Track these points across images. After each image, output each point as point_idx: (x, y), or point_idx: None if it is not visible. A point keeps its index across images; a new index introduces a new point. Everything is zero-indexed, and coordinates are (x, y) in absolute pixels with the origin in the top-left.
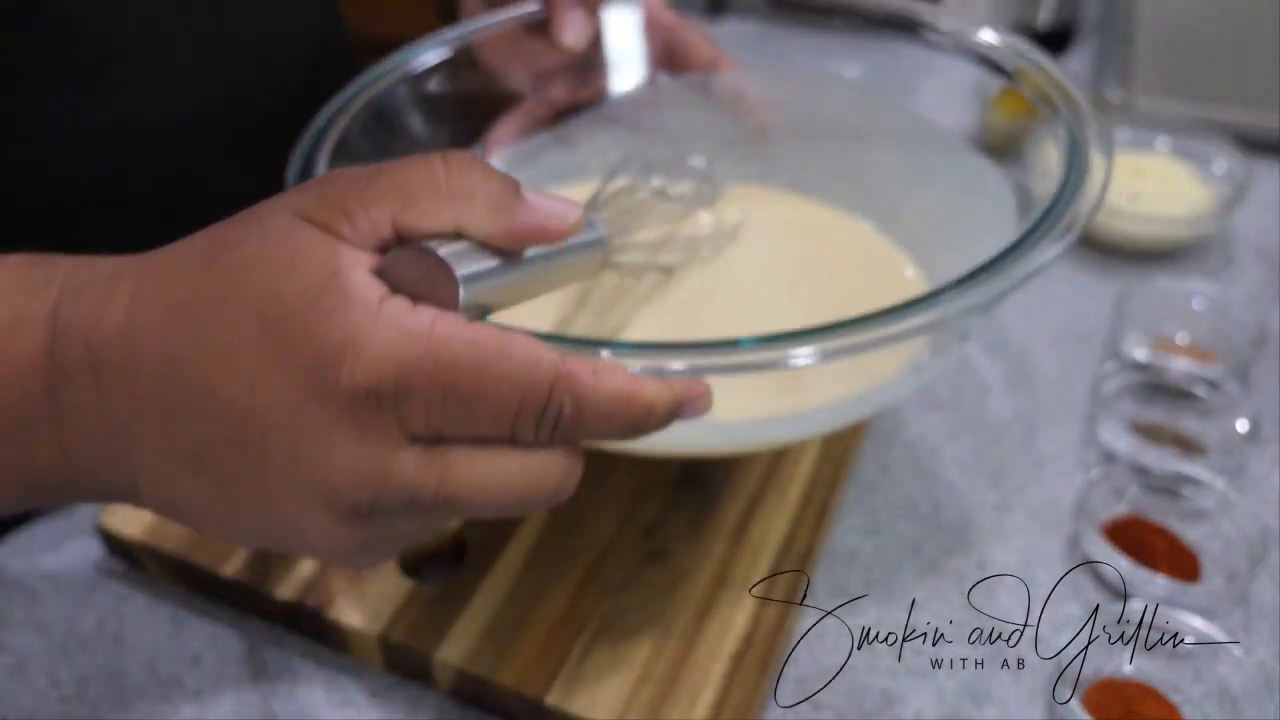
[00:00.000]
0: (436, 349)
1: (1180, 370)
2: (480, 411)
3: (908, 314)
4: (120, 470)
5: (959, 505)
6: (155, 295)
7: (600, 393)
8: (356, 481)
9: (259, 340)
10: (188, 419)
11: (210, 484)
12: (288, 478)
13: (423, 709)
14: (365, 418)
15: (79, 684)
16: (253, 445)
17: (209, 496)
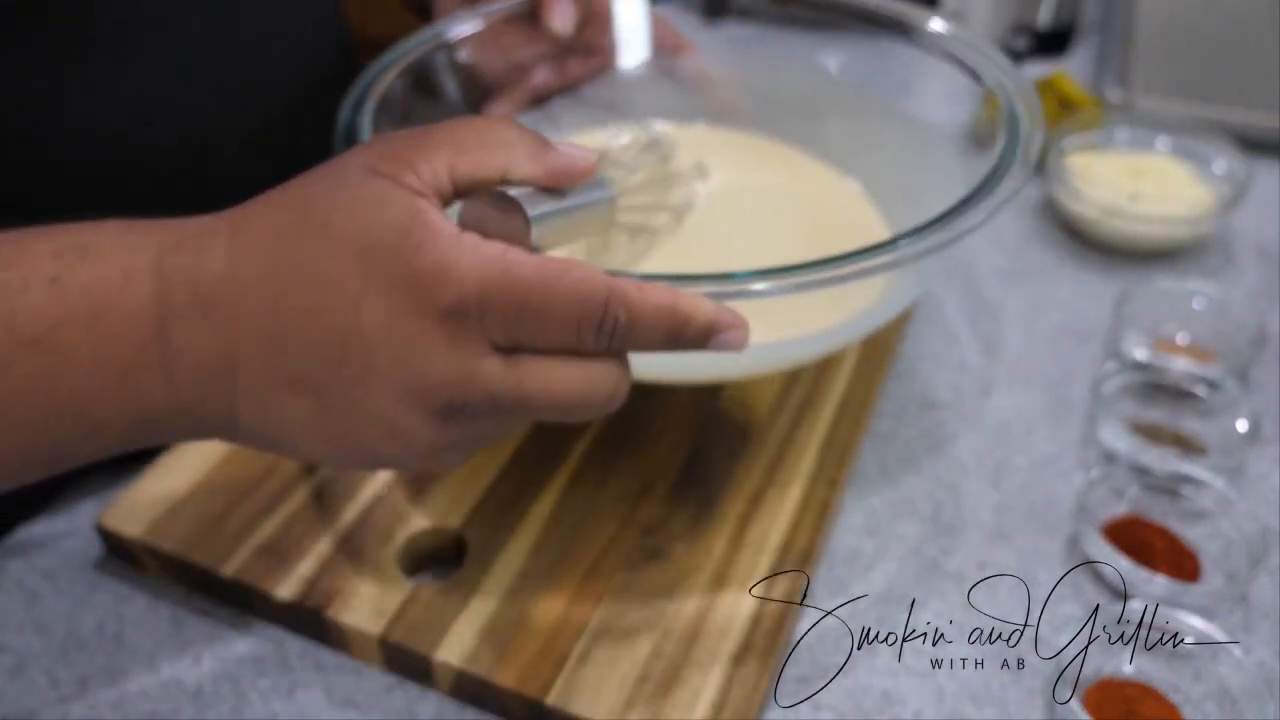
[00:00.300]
0: (512, 271)
1: (1180, 370)
2: (549, 323)
3: (877, 253)
4: (222, 403)
5: (959, 505)
6: (253, 240)
7: (646, 303)
8: (448, 383)
9: (359, 269)
10: (294, 344)
11: (309, 403)
12: (388, 385)
13: (423, 709)
14: (455, 330)
15: (79, 684)
16: (356, 360)
17: (307, 415)
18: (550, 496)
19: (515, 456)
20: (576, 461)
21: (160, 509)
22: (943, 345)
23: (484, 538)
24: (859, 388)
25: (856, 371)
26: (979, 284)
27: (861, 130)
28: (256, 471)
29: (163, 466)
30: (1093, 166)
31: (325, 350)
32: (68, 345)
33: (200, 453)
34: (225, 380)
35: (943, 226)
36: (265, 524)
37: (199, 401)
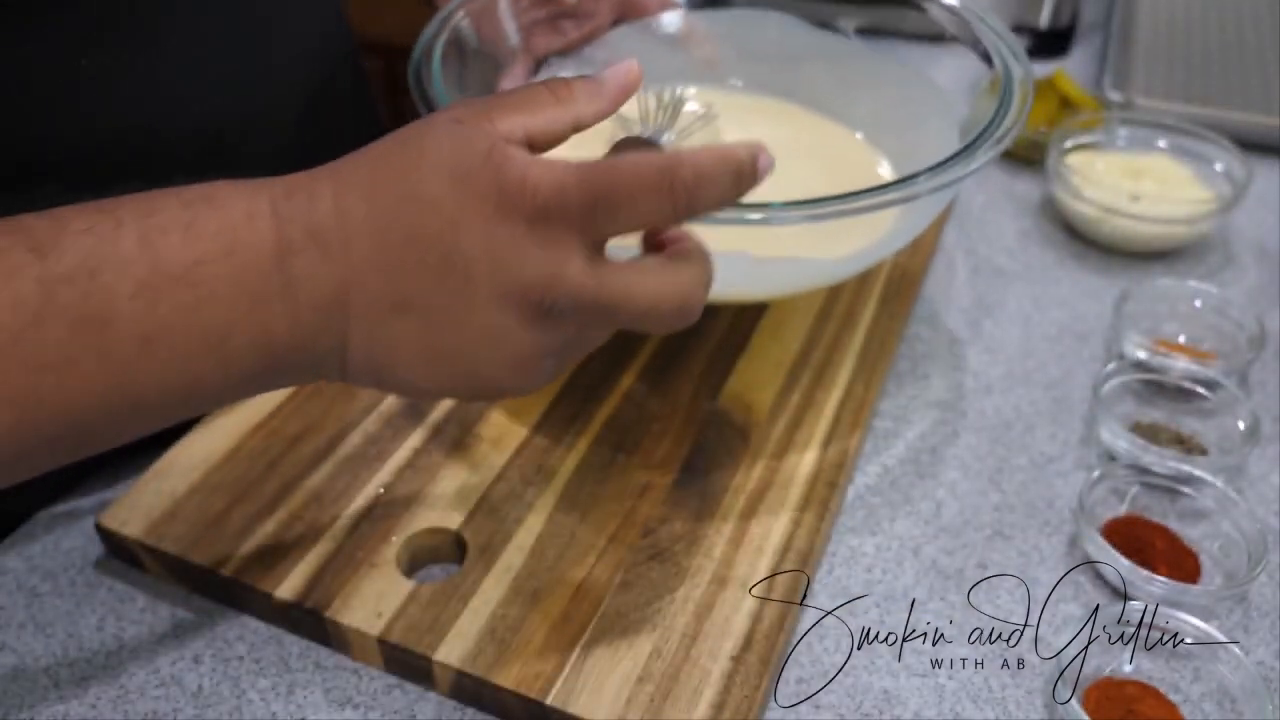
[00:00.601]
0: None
1: (1180, 370)
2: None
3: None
4: (337, 333)
5: (959, 505)
6: (354, 182)
7: (704, 160)
8: (540, 283)
9: (453, 191)
10: (399, 268)
11: (415, 323)
12: (488, 292)
13: (423, 709)
14: (542, 232)
15: (79, 684)
16: (457, 273)
17: (413, 336)
18: (550, 496)
19: (515, 457)
20: (576, 461)
21: (160, 509)
22: (943, 345)
23: (484, 538)
24: (859, 388)
25: (856, 372)
26: (979, 284)
27: (856, 82)
28: (256, 471)
29: (163, 466)
30: (1093, 166)
31: (429, 269)
32: (206, 280)
33: (200, 453)
34: (339, 309)
35: (952, 166)
36: (265, 524)
37: (316, 332)
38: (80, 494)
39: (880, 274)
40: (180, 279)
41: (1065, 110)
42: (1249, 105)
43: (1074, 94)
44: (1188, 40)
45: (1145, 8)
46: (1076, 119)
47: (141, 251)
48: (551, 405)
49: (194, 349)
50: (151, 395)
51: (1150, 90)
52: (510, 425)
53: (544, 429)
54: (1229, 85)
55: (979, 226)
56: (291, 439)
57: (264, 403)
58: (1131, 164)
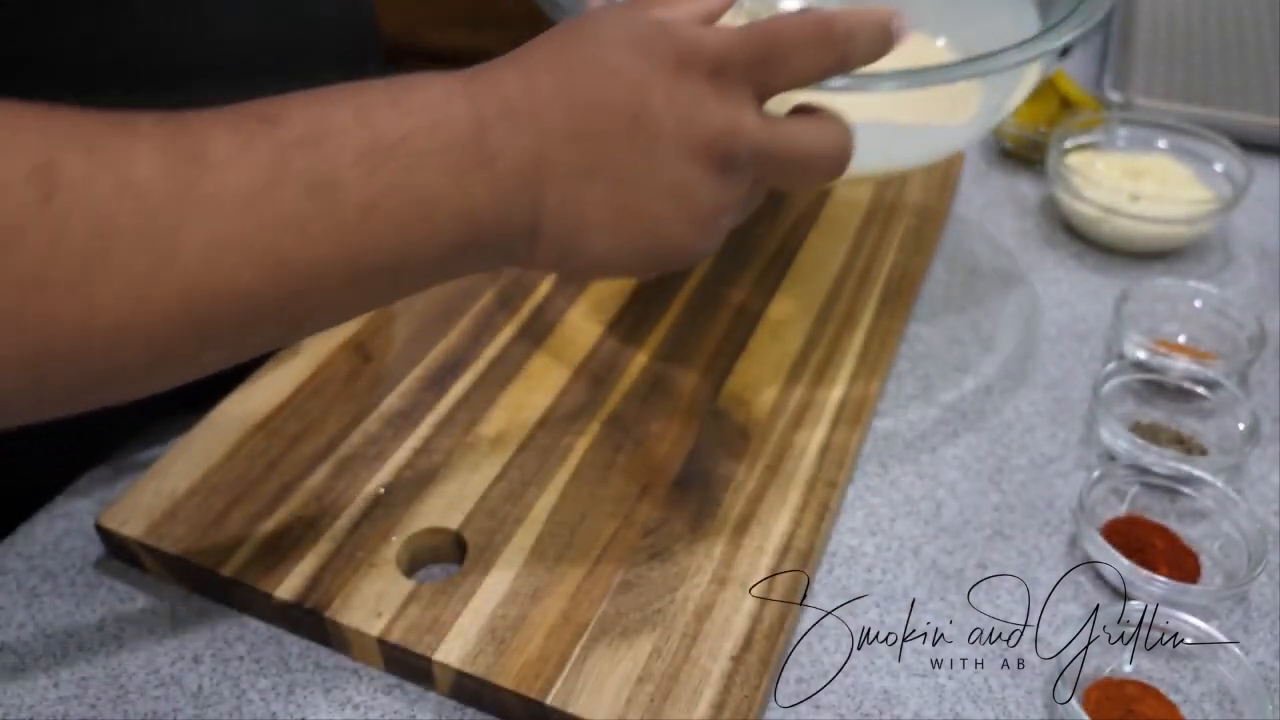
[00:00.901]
0: (748, 30)
1: (1180, 370)
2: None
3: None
4: (531, 201)
5: (959, 505)
6: (538, 61)
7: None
8: (722, 133)
9: (634, 57)
10: (589, 135)
11: (605, 188)
12: (674, 147)
13: (423, 709)
14: (721, 86)
15: (79, 684)
16: (645, 133)
17: (602, 200)
18: (550, 496)
19: (515, 457)
20: (576, 461)
21: (160, 509)
22: (943, 345)
23: (484, 538)
24: (859, 388)
25: (856, 371)
26: (979, 284)
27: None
28: (256, 471)
29: (163, 466)
30: (1093, 166)
31: (618, 132)
32: (416, 152)
33: (200, 453)
34: (534, 179)
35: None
36: (265, 524)
37: (513, 203)
38: (80, 494)
39: (880, 274)
40: (393, 150)
41: (1065, 110)
42: (1249, 105)
43: (1074, 94)
44: (1188, 40)
45: (1145, 8)
46: (1076, 119)
47: (358, 124)
48: (551, 405)
49: (406, 218)
50: (367, 265)
51: (1150, 90)
52: (510, 425)
53: (544, 429)
54: (1229, 85)
55: (979, 226)
56: (291, 439)
57: (264, 403)
58: (1131, 164)
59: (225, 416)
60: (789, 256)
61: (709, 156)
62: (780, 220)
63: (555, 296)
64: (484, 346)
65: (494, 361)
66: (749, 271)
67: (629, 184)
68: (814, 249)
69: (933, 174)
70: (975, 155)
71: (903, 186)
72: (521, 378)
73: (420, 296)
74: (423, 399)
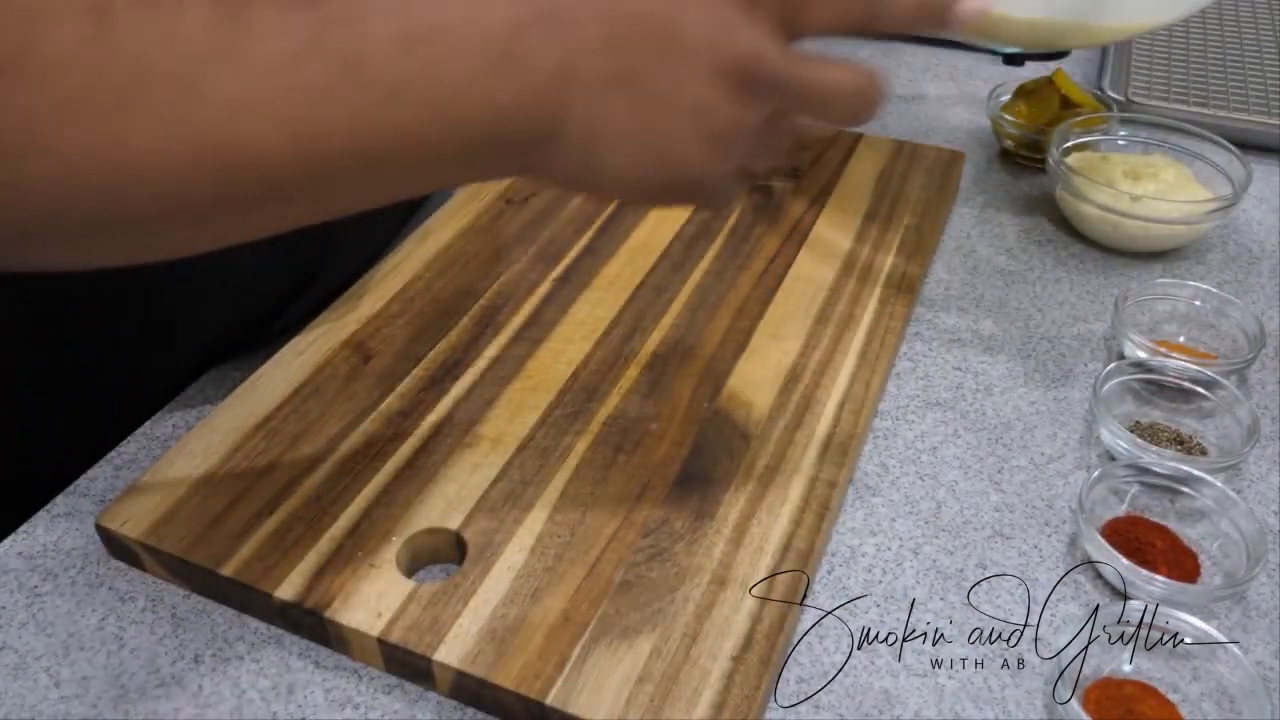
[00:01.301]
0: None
1: (1180, 370)
2: (824, 4)
3: None
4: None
5: (959, 505)
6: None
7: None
8: (747, 55)
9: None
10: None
11: (630, 100)
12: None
13: (423, 709)
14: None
15: (80, 683)
16: (675, 47)
17: (627, 113)
18: (550, 496)
19: (515, 457)
20: (576, 461)
21: (160, 509)
22: (943, 345)
23: (484, 538)
24: (859, 388)
25: (856, 371)
26: (979, 284)
27: None
28: (256, 471)
29: (163, 466)
30: (1093, 166)
31: (651, 46)
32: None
33: (200, 453)
34: (560, 85)
35: None
36: (265, 524)
37: (537, 105)
38: (80, 494)
39: (880, 274)
40: (427, 38)
41: (1065, 110)
42: (1249, 106)
43: (1074, 94)
44: (1187, 40)
45: None
46: (1076, 119)
47: (398, 10)
48: (551, 405)
49: (431, 107)
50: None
51: (1150, 90)
52: (510, 425)
53: (544, 429)
54: (1229, 86)
55: (979, 226)
56: (291, 439)
57: (264, 403)
58: (1131, 164)
59: (225, 416)
60: (789, 256)
61: (732, 78)
62: (780, 220)
63: (555, 296)
64: (484, 346)
65: (494, 361)
66: (749, 271)
67: (653, 98)
68: (814, 249)
69: (933, 174)
70: (975, 155)
71: (902, 186)
72: (521, 378)
73: (420, 296)
74: (423, 399)
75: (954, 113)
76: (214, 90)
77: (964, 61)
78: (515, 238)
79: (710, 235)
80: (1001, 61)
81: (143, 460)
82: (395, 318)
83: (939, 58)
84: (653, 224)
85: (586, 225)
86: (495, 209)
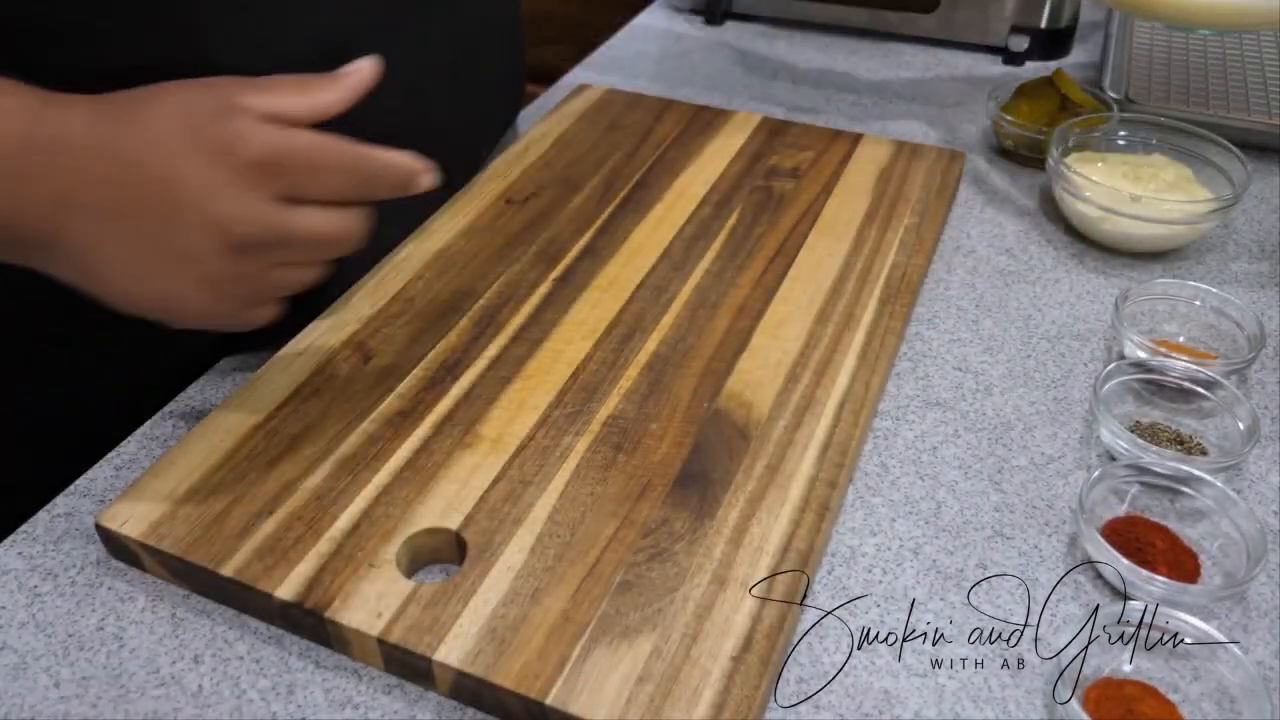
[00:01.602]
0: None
1: (1180, 370)
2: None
3: None
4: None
5: (959, 505)
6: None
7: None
8: (247, 219)
9: (181, 132)
10: (123, 182)
11: (127, 231)
12: (195, 218)
13: (423, 709)
14: (256, 180)
15: (80, 683)
16: (167, 199)
17: (123, 242)
18: (550, 496)
19: (515, 457)
20: (576, 461)
21: (160, 509)
22: (943, 345)
23: (484, 538)
24: (859, 388)
25: (856, 371)
26: (979, 284)
27: None
28: (256, 471)
29: (162, 466)
30: (1093, 166)
31: (145, 190)
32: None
33: (200, 453)
34: (57, 208)
35: None
36: (265, 524)
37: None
38: (80, 494)
39: (880, 274)
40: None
41: (1065, 110)
42: (1249, 106)
43: (1074, 94)
44: (1187, 41)
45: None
46: (1076, 119)
47: None
48: (551, 405)
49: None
50: None
51: (1150, 90)
52: (510, 425)
53: (544, 429)
54: (1229, 86)
55: (979, 226)
56: (291, 439)
57: (264, 403)
58: (1131, 164)
59: (225, 416)
60: (789, 256)
61: (226, 240)
62: (780, 220)
63: (555, 296)
64: (484, 346)
65: (494, 361)
66: (749, 271)
67: (146, 238)
68: (814, 249)
69: (933, 174)
70: (975, 155)
71: (902, 186)
72: (521, 378)
73: (420, 296)
74: (423, 399)
75: (954, 113)
76: None
77: (964, 61)
78: (515, 238)
79: (710, 235)
80: (1001, 61)
81: (143, 460)
82: (395, 318)
83: (939, 58)
84: (653, 224)
85: (586, 225)
86: (495, 209)
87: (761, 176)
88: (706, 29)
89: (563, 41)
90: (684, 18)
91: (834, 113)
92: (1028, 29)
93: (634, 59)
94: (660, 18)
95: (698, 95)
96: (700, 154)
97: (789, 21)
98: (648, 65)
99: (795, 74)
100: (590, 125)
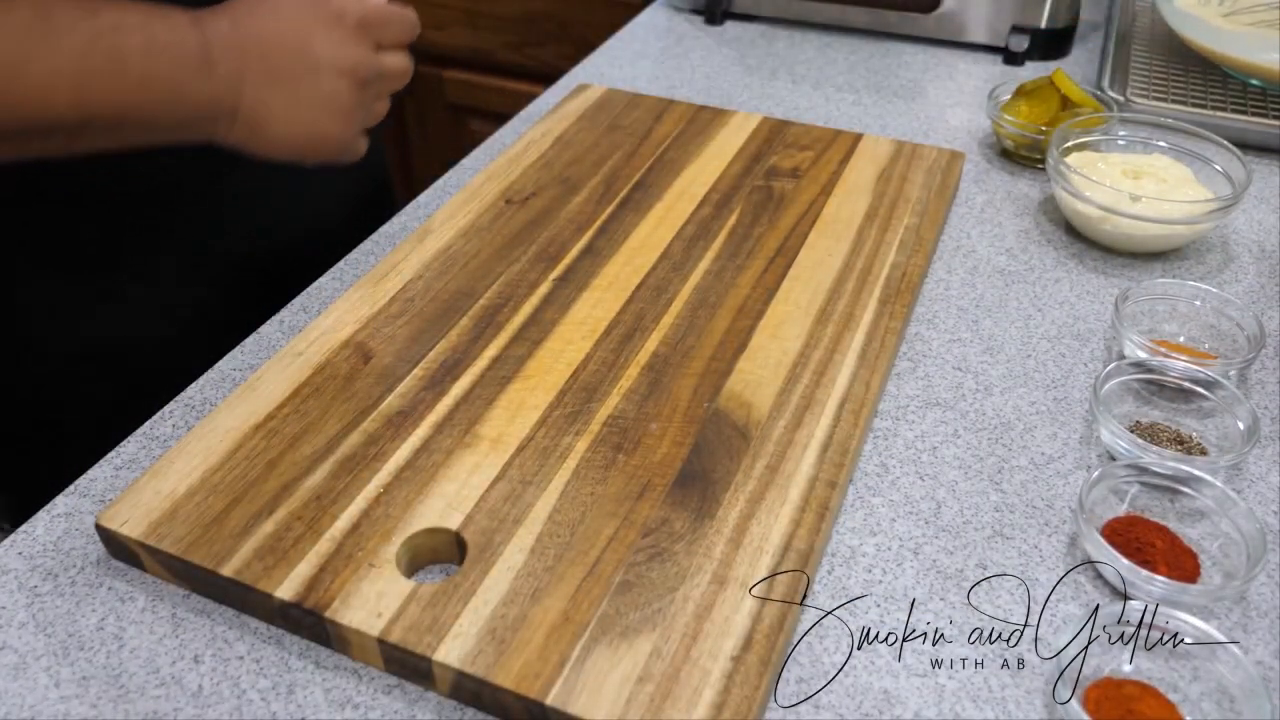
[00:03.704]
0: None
1: (1180, 370)
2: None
3: None
4: (234, 95)
5: (959, 505)
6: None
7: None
8: (365, 63)
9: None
10: (271, 57)
11: (282, 92)
12: (334, 72)
13: (423, 709)
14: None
15: (80, 683)
16: (308, 59)
17: (281, 100)
18: (550, 496)
19: (515, 457)
20: (576, 461)
21: (160, 509)
22: (943, 345)
23: (484, 538)
24: (859, 388)
25: (856, 371)
26: (979, 284)
27: None
28: (256, 471)
29: (163, 466)
30: (1093, 166)
31: (291, 59)
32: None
33: (200, 453)
34: (237, 81)
35: None
36: (265, 524)
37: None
38: (80, 494)
39: (880, 274)
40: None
41: (1065, 110)
42: (1249, 106)
43: (1074, 94)
44: (1185, 43)
45: (1145, 8)
46: (1076, 119)
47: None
48: (551, 405)
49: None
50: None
51: (1150, 90)
52: (510, 425)
53: (544, 429)
54: (1229, 86)
55: (979, 226)
56: (291, 439)
57: (264, 403)
58: (1131, 164)
59: (225, 416)
60: (789, 256)
61: (351, 77)
62: (780, 220)
63: (555, 296)
64: (484, 346)
65: (494, 361)
66: (749, 271)
67: (299, 91)
68: (814, 249)
69: (933, 174)
70: (975, 155)
71: (902, 186)
72: (521, 378)
73: (420, 296)
74: (423, 399)
75: (954, 113)
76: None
77: (964, 61)
78: (515, 238)
79: (710, 235)
80: (1001, 61)
81: (143, 460)
82: (395, 318)
83: (939, 58)
84: (653, 224)
85: (586, 225)
86: (495, 209)
87: (761, 176)
88: (706, 29)
89: (563, 41)
90: (684, 18)
91: (834, 113)
92: (1028, 29)
93: (634, 59)
94: (660, 18)
95: (698, 95)
96: (700, 154)
97: (789, 21)
98: (648, 65)
99: (795, 74)
100: (590, 125)
